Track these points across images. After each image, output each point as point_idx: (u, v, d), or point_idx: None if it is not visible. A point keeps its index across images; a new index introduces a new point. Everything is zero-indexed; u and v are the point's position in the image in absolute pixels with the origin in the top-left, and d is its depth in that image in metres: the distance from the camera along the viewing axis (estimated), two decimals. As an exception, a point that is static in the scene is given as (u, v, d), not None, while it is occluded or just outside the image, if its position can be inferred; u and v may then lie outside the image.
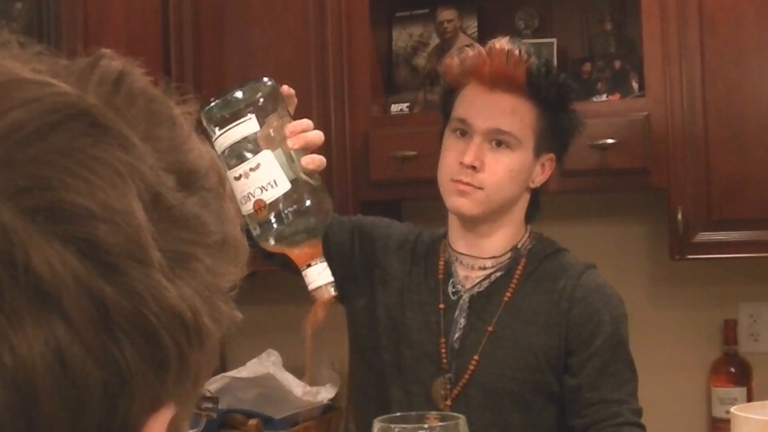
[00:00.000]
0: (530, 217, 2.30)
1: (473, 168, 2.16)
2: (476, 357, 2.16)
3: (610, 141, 3.00)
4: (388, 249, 2.32)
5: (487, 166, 2.17)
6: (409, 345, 2.21)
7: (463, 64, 2.22)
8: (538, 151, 2.22)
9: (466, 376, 2.16)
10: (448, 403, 2.15)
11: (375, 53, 3.37)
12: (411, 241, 2.33)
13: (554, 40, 3.29)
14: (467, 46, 2.30)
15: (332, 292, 1.77)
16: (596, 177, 3.07)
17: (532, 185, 2.26)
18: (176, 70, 3.44)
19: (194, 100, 0.70)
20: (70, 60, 0.65)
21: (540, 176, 2.26)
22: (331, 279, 1.77)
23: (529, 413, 2.15)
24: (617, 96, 3.19)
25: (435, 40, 3.42)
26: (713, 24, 2.98)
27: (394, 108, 3.38)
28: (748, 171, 2.95)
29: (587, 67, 3.27)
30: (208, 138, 1.73)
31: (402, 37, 3.46)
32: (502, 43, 2.19)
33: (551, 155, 2.25)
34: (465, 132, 2.20)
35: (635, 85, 3.19)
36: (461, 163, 2.17)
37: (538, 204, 2.30)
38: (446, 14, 3.40)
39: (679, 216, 2.98)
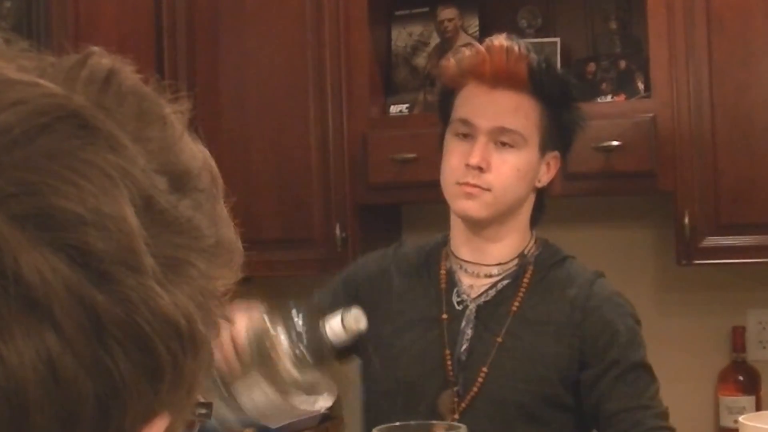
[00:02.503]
0: (535, 220, 2.29)
1: (480, 169, 2.15)
2: (485, 369, 2.14)
3: (615, 143, 3.00)
4: (374, 283, 2.32)
5: (494, 166, 2.16)
6: (413, 362, 2.20)
7: (461, 64, 2.21)
8: (544, 149, 2.21)
9: (475, 389, 2.14)
10: (456, 416, 2.13)
11: (374, 53, 3.37)
12: (388, 263, 2.33)
13: (558, 39, 3.29)
14: (463, 45, 2.30)
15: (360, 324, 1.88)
16: (601, 180, 3.07)
17: (539, 185, 2.25)
18: (169, 70, 3.44)
19: (186, 98, 0.70)
20: (58, 57, 0.65)
21: (546, 175, 2.25)
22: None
23: (539, 426, 2.14)
24: (622, 97, 3.19)
25: (435, 40, 3.42)
26: (721, 23, 2.98)
27: (394, 109, 3.38)
28: (757, 173, 2.95)
29: (591, 67, 3.27)
30: (199, 137, 1.75)
31: (401, 37, 3.46)
32: (500, 40, 2.19)
33: (556, 153, 2.25)
34: (468, 134, 2.18)
35: (641, 86, 3.19)
36: (467, 165, 2.15)
37: (543, 206, 2.30)
38: (447, 13, 3.40)
39: (686, 220, 2.98)
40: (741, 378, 3.25)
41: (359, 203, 3.30)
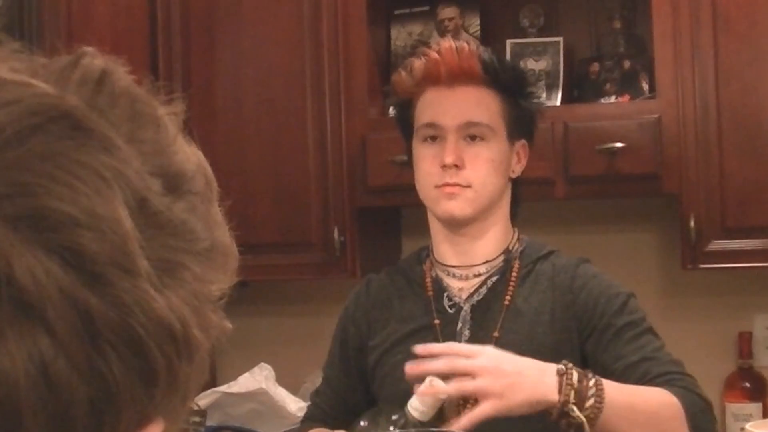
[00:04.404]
0: (513, 213, 2.35)
1: (455, 167, 2.21)
2: None
3: (619, 145, 3.00)
4: (364, 325, 2.36)
5: (468, 162, 2.22)
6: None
7: (414, 73, 2.29)
8: (511, 138, 2.29)
9: None
10: None
11: (373, 53, 3.37)
12: (366, 299, 2.38)
13: (560, 39, 3.30)
14: (411, 56, 2.36)
15: None
16: (605, 182, 3.07)
17: (513, 175, 2.32)
18: (164, 70, 3.44)
19: (180, 99, 0.70)
20: (50, 58, 0.65)
21: (518, 165, 2.33)
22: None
23: (545, 418, 2.15)
24: (627, 97, 3.19)
25: (436, 39, 3.42)
26: (727, 22, 2.98)
27: (393, 110, 3.38)
28: (764, 176, 2.95)
29: (595, 67, 3.27)
30: (194, 138, 1.79)
31: (401, 36, 3.46)
32: (448, 41, 2.28)
33: (523, 142, 2.32)
34: (435, 136, 2.26)
35: (645, 86, 3.19)
36: (443, 166, 2.22)
37: (519, 198, 2.36)
38: (447, 12, 3.40)
39: (692, 223, 2.98)
40: (747, 384, 3.25)
41: (358, 206, 3.30)
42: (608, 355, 2.16)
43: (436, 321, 2.25)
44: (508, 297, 2.24)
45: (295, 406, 3.35)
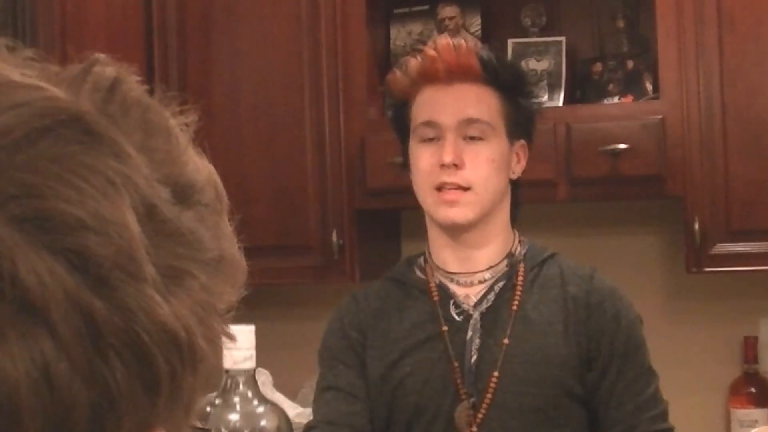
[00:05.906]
0: (513, 216, 2.33)
1: (455, 166, 2.18)
2: (496, 374, 2.15)
3: (622, 146, 3.00)
4: (360, 341, 2.30)
5: (468, 162, 2.19)
6: (421, 384, 2.20)
7: (410, 72, 2.26)
8: (511, 138, 2.26)
9: (489, 397, 2.15)
10: (474, 429, 2.14)
11: (372, 53, 3.38)
12: (357, 313, 2.32)
13: (563, 38, 3.30)
14: (408, 55, 2.35)
15: None
16: (608, 184, 3.07)
17: (513, 176, 2.29)
18: (160, 71, 3.44)
19: (192, 110, 0.70)
20: (61, 66, 0.66)
21: (518, 166, 2.30)
22: None
23: (556, 428, 2.16)
24: (630, 98, 3.19)
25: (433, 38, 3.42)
26: (732, 21, 2.98)
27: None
28: (770, 178, 2.96)
29: (598, 67, 3.28)
30: (204, 151, 1.81)
31: (401, 36, 3.46)
32: (445, 38, 2.27)
33: (523, 142, 2.30)
34: (434, 136, 2.23)
35: (649, 87, 3.19)
36: (442, 166, 2.19)
37: (518, 200, 2.34)
38: (448, 11, 3.40)
39: (696, 226, 2.99)
40: (753, 390, 3.25)
41: (357, 208, 3.30)
42: (606, 388, 2.17)
43: (445, 328, 2.22)
44: (516, 303, 2.21)
45: (293, 411, 3.35)
